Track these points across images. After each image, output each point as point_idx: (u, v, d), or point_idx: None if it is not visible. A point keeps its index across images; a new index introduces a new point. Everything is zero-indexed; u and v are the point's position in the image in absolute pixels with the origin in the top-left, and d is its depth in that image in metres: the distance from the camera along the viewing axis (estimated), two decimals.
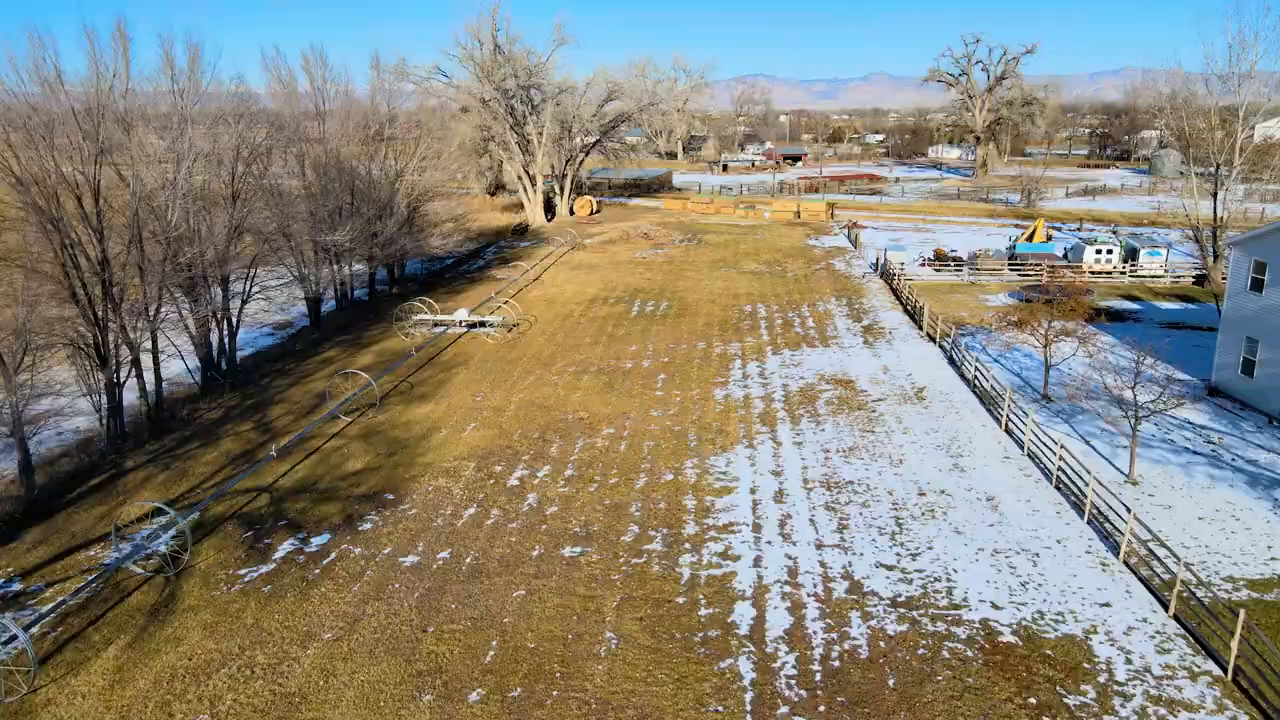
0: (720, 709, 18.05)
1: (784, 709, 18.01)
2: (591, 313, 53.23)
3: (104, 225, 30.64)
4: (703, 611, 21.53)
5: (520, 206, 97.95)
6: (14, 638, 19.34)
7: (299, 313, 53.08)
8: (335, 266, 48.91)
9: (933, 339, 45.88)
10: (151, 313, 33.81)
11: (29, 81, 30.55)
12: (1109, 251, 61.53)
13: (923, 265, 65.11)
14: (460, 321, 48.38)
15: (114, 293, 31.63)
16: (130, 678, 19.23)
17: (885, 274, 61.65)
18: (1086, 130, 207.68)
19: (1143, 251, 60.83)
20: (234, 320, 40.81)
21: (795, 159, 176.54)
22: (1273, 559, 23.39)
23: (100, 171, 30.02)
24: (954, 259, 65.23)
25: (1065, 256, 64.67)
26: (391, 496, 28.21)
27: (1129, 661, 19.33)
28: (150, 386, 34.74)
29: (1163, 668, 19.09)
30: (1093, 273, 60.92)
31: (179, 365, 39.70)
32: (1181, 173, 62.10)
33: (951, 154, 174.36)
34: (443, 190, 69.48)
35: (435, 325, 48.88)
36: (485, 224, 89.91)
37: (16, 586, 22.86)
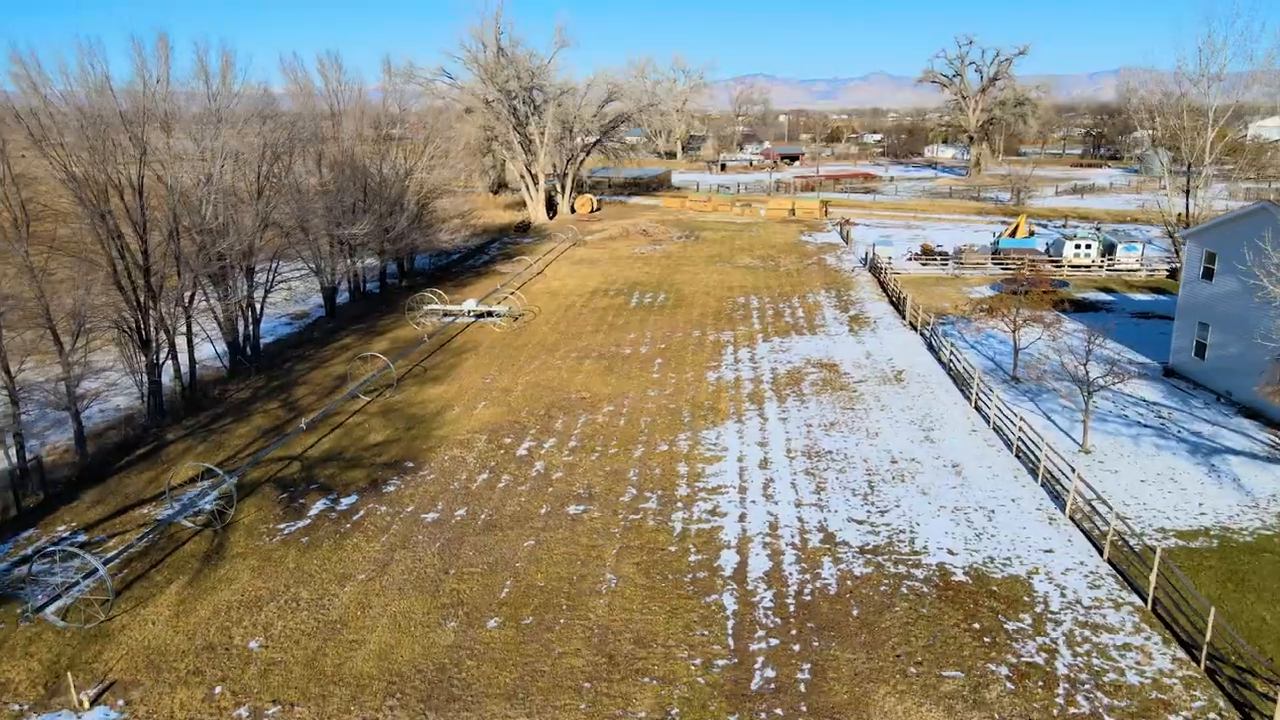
0: (705, 633, 20.84)
1: (760, 633, 20.80)
2: (593, 304, 56.02)
3: (146, 220, 33.41)
4: (692, 557, 24.33)
5: (522, 204, 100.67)
6: (94, 571, 22.19)
7: (315, 304, 55.88)
8: (350, 260, 51.67)
9: (914, 328, 48.63)
10: (186, 300, 36.61)
11: (74, 85, 33.42)
12: (1087, 247, 64.24)
13: (910, 260, 67.91)
14: (469, 311, 51.18)
15: (153, 282, 34.43)
16: (192, 609, 22.04)
17: (873, 268, 64.40)
18: (1080, 130, 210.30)
19: (1120, 247, 63.58)
20: (258, 308, 43.60)
21: (793, 158, 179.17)
22: (1201, 514, 26.18)
23: (144, 170, 32.83)
24: (940, 254, 68.04)
25: (1047, 251, 67.38)
26: (411, 464, 31.02)
27: (1063, 595, 22.12)
28: (184, 368, 37.57)
29: (1092, 600, 21.88)
30: (1072, 266, 63.65)
31: (208, 349, 42.44)
32: (1171, 171, 64.53)
33: (947, 153, 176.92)
34: (449, 188, 72.25)
35: (444, 315, 51.70)
36: (489, 221, 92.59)
37: (82, 538, 25.65)
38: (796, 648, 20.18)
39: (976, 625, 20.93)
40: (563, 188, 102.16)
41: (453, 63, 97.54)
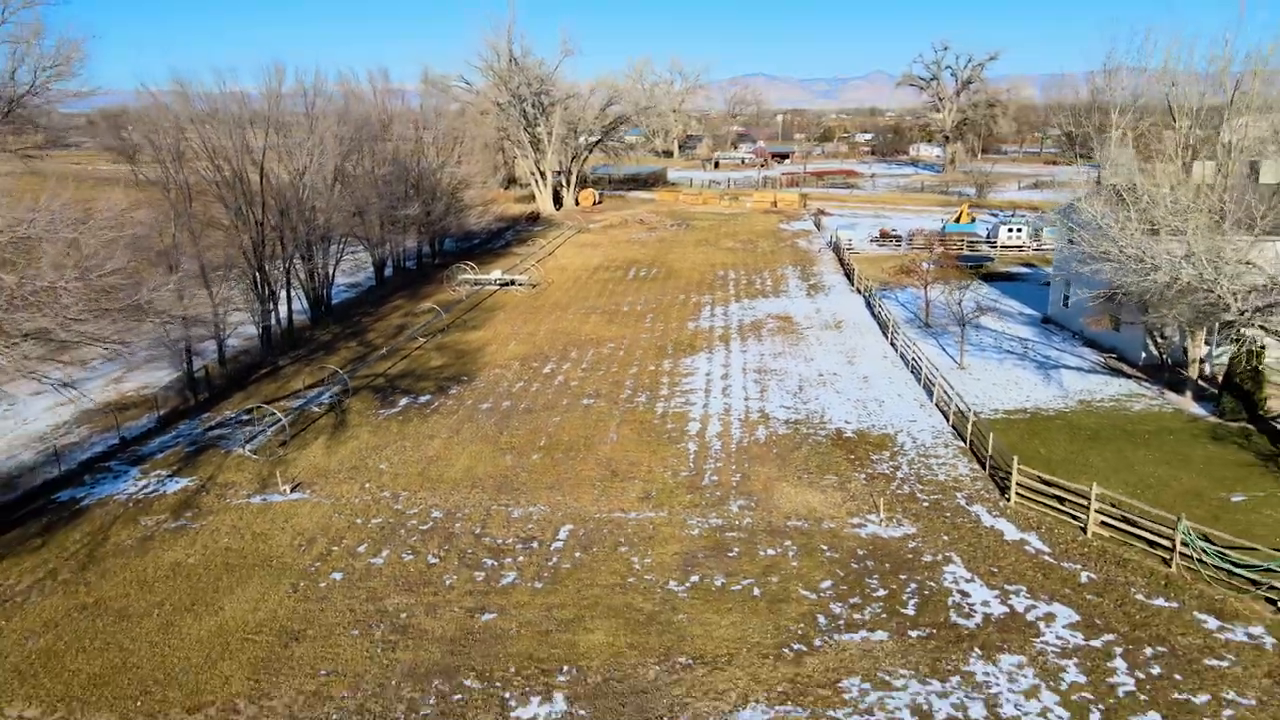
0: (675, 461, 31.92)
1: (710, 460, 31.88)
2: (596, 277, 67.11)
3: (265, 203, 44.49)
4: (669, 426, 35.43)
5: (531, 198, 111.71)
6: (278, 419, 33.34)
7: (365, 276, 67.02)
8: (399, 237, 62.76)
9: (860, 292, 59.71)
10: (288, 264, 47.73)
11: (209, 100, 44.53)
12: (1019, 230, 75.41)
13: (871, 242, 79.00)
14: (495, 280, 62.29)
15: (267, 250, 45.54)
16: (335, 451, 33.18)
17: (836, 248, 75.47)
18: (1056, 130, 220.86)
19: (1045, 230, 74.66)
20: (331, 274, 54.69)
21: (783, 157, 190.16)
22: (1026, 401, 37.22)
23: (265, 161, 43.87)
24: (895, 237, 79.15)
25: (987, 235, 78.46)
26: (466, 378, 42.15)
27: (914, 442, 33.22)
28: (283, 316, 48.66)
29: (931, 444, 32.98)
30: (1004, 246, 74.82)
31: (295, 304, 53.50)
32: (1142, 168, 75.51)
33: (931, 152, 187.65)
34: (472, 181, 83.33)
35: (475, 284, 62.81)
36: (502, 212, 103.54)
37: (245, 416, 36.76)
38: (733, 467, 31.29)
39: (852, 456, 32.04)
40: (568, 183, 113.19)
41: (471, 70, 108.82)
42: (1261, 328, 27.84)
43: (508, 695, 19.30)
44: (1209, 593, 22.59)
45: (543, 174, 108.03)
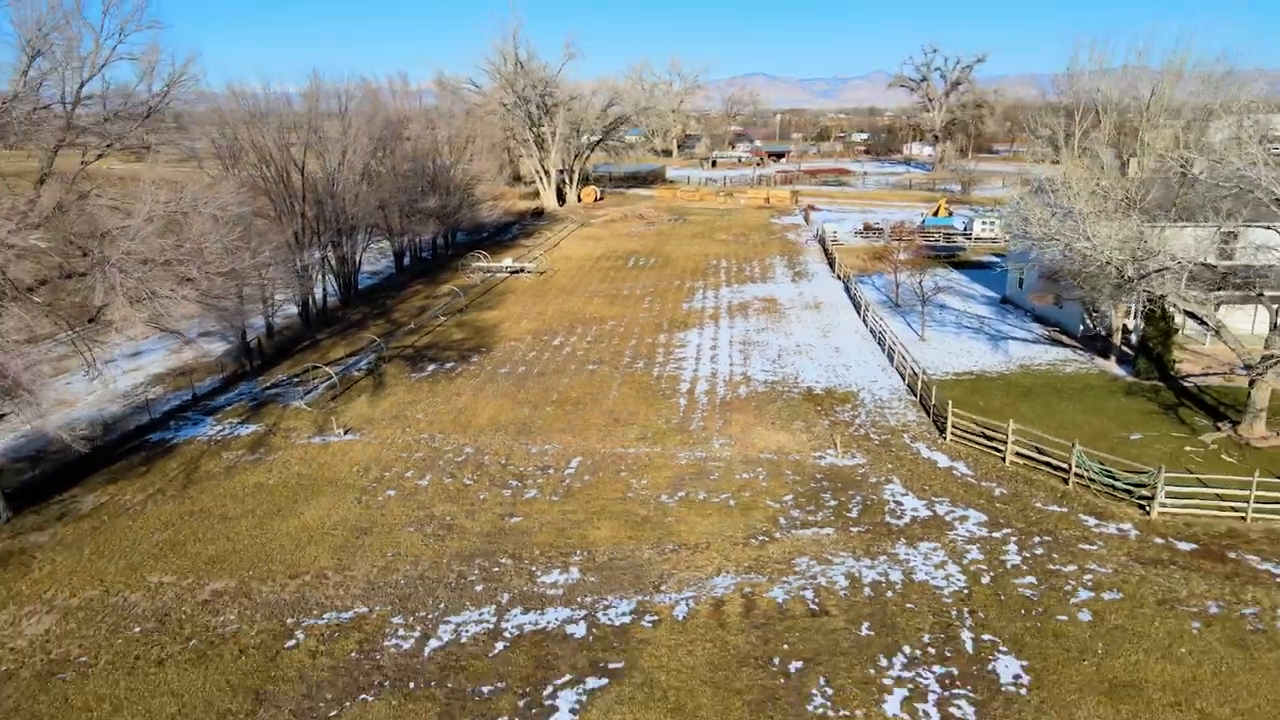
0: (667, 411, 37.46)
1: (698, 411, 37.43)
2: (599, 265, 72.63)
3: (306, 196, 50.01)
4: (663, 385, 40.97)
5: (536, 195, 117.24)
6: (330, 377, 38.87)
7: (386, 264, 72.58)
8: (418, 229, 68.33)
9: (840, 278, 65.22)
10: (322, 252, 53.27)
11: (252, 100, 50.06)
12: (992, 224, 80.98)
13: (855, 235, 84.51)
14: (506, 267, 67.83)
15: (305, 238, 51.06)
16: (377, 404, 38.73)
17: (821, 240, 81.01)
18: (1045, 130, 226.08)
19: None
20: (359, 260, 60.24)
21: (779, 155, 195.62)
22: (974, 366, 42.72)
23: (306, 158, 49.38)
24: (877, 229, 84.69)
25: (964, 228, 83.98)
26: (484, 349, 47.69)
27: (874, 397, 38.75)
28: (318, 297, 54.19)
29: (889, 399, 38.51)
30: (978, 238, 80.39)
31: (328, 287, 59.04)
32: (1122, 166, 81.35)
33: (924, 151, 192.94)
34: (483, 178, 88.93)
35: (487, 271, 68.34)
36: (509, 207, 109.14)
37: (296, 379, 42.28)
38: (717, 416, 36.85)
39: (819, 408, 37.59)
40: (571, 180, 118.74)
41: (479, 73, 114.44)
42: (1146, 291, 33.23)
43: (535, 569, 24.87)
44: (1095, 501, 28.16)
45: (547, 172, 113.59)
